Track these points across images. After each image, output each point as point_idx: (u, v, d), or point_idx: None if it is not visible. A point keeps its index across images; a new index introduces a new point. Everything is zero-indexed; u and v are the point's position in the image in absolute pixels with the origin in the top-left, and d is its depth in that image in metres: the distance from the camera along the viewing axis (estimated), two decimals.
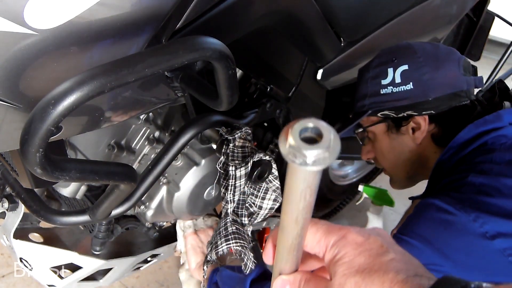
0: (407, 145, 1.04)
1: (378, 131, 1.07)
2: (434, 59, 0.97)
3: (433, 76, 0.96)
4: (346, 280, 0.40)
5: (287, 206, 0.36)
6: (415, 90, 0.96)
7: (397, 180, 1.14)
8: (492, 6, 1.71)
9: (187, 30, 0.71)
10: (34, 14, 0.51)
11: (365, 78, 1.05)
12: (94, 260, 1.07)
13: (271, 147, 1.18)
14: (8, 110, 0.59)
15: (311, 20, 0.98)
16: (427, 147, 1.02)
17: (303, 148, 0.29)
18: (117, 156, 1.05)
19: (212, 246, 0.95)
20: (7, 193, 1.03)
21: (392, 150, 1.07)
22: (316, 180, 0.33)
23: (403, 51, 1.00)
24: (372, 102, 1.02)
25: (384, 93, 1.00)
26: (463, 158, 0.92)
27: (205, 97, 0.74)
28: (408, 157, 1.05)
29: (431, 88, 0.96)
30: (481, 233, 0.76)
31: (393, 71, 0.98)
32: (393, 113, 1.00)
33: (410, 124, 1.01)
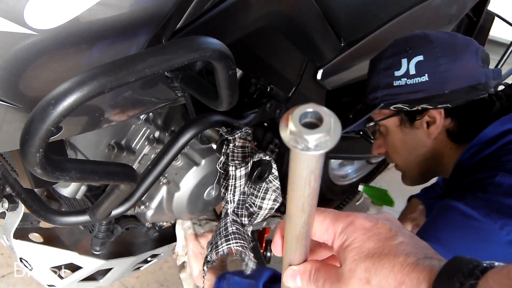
0: (421, 140, 0.99)
1: (391, 125, 1.02)
2: (451, 50, 0.92)
3: (449, 68, 0.91)
4: (357, 265, 0.40)
5: (293, 194, 0.36)
6: (431, 82, 0.91)
7: (409, 176, 1.09)
8: (492, 6, 1.71)
9: (187, 30, 0.71)
10: (34, 14, 0.51)
11: (377, 69, 1.00)
12: (94, 260, 1.07)
13: (271, 147, 1.18)
14: (8, 110, 0.59)
15: (311, 20, 0.98)
16: (442, 143, 0.98)
17: (304, 133, 0.29)
18: (117, 156, 1.05)
19: (212, 246, 0.95)
20: (7, 193, 1.03)
21: (405, 145, 1.02)
22: (320, 165, 0.33)
23: (418, 40, 0.95)
24: (384, 95, 0.97)
25: (398, 85, 0.94)
26: (487, 157, 0.88)
27: (205, 97, 0.74)
28: (421, 152, 1.01)
29: (448, 80, 0.91)
30: (507, 241, 0.73)
31: (407, 62, 0.93)
32: (407, 106, 0.95)
33: (425, 118, 0.96)
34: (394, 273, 0.38)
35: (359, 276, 0.40)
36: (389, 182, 2.17)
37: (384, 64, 0.98)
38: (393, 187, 2.06)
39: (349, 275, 0.40)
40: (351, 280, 0.40)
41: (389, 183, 2.16)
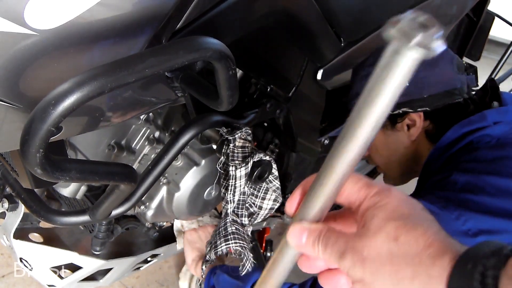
0: (402, 142, 1.05)
1: None
2: None
3: (427, 74, 0.97)
4: (387, 222, 0.38)
5: (366, 106, 0.35)
6: (410, 87, 0.94)
7: (390, 176, 1.15)
8: (492, 6, 1.71)
9: (187, 30, 0.71)
10: (34, 14, 0.51)
11: (359, 76, 1.06)
12: (94, 260, 1.07)
13: (271, 147, 1.18)
14: (8, 110, 0.59)
15: (311, 20, 0.98)
16: (421, 144, 1.04)
17: (416, 30, 0.30)
18: (117, 156, 1.05)
19: (212, 246, 0.95)
20: (7, 193, 1.03)
21: (386, 147, 1.08)
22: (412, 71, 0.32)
23: None
24: None
25: None
26: (450, 157, 0.94)
27: (205, 97, 0.74)
28: (402, 153, 1.07)
29: (426, 86, 0.97)
30: (463, 231, 0.77)
31: None
32: None
33: (405, 121, 1.03)
34: (425, 237, 0.37)
35: (388, 232, 0.38)
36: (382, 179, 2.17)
37: (366, 71, 1.04)
38: None
39: (376, 231, 0.38)
40: (376, 235, 0.38)
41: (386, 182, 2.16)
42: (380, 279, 0.38)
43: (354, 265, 0.39)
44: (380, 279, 0.38)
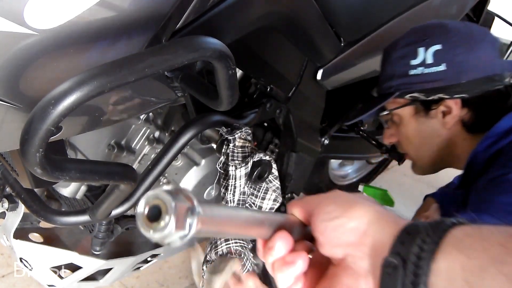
0: (435, 130, 0.98)
1: (405, 114, 1.01)
2: (468, 39, 0.91)
3: (466, 58, 0.90)
4: (323, 216, 0.42)
5: None
6: (448, 72, 0.90)
7: (420, 165, 1.07)
8: (492, 6, 1.71)
9: (187, 30, 0.71)
10: (34, 14, 0.51)
11: (392, 57, 0.99)
12: (94, 260, 1.07)
13: (271, 147, 1.18)
14: (8, 110, 0.59)
15: (311, 20, 0.98)
16: (456, 133, 0.97)
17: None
18: (117, 156, 1.05)
19: (212, 246, 0.95)
20: (7, 193, 1.03)
21: (419, 135, 1.01)
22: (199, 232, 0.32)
23: (435, 29, 0.94)
24: (399, 84, 0.96)
25: (414, 74, 0.94)
26: (502, 149, 0.88)
27: (205, 97, 0.74)
28: (435, 142, 1.00)
29: (465, 70, 0.90)
30: None
31: (425, 50, 0.92)
32: (423, 95, 0.94)
33: (440, 108, 0.96)
34: (364, 210, 0.40)
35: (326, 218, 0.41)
36: (389, 182, 2.17)
37: (400, 52, 0.97)
38: (393, 187, 2.07)
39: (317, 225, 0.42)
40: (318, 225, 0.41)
41: (389, 183, 2.16)
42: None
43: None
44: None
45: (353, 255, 0.39)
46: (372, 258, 0.38)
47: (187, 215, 0.30)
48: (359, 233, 0.39)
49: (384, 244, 0.37)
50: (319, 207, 0.42)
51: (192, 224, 0.30)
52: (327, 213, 0.41)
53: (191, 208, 0.30)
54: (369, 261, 0.38)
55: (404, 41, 0.97)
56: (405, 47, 0.96)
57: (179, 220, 0.29)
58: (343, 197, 0.43)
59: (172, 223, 0.28)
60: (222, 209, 0.36)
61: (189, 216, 0.30)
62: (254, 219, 0.40)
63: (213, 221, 0.33)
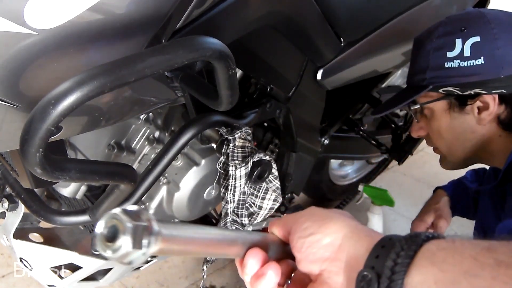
0: (469, 126, 0.94)
1: (437, 108, 0.97)
2: (509, 31, 0.87)
3: (507, 51, 0.85)
4: (299, 233, 0.42)
5: None
6: (486, 66, 0.86)
7: (451, 160, 1.03)
8: (492, 6, 1.71)
9: (187, 30, 0.71)
10: (34, 14, 0.51)
11: (426, 48, 0.93)
12: (94, 260, 1.07)
13: (271, 147, 1.18)
14: (8, 110, 0.59)
15: (311, 20, 0.98)
16: (492, 130, 0.93)
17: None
18: (117, 156, 1.05)
19: None
20: (7, 193, 1.03)
21: (451, 130, 0.97)
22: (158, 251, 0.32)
23: (474, 19, 0.89)
24: (434, 76, 0.92)
25: (450, 67, 0.89)
26: None
27: (205, 97, 0.74)
28: (468, 138, 0.96)
29: (505, 65, 0.85)
30: None
31: (462, 42, 0.87)
32: (458, 90, 0.90)
33: (476, 103, 0.91)
34: (338, 227, 0.41)
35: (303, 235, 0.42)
36: (389, 182, 2.17)
37: (435, 43, 0.92)
38: (393, 187, 2.07)
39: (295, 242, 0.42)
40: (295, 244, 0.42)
41: (389, 183, 2.16)
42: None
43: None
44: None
45: (328, 270, 0.40)
46: (347, 273, 0.38)
47: (144, 235, 0.30)
48: (334, 248, 0.40)
49: (359, 259, 0.37)
50: (296, 225, 0.43)
51: (150, 244, 0.30)
52: (303, 229, 0.42)
53: (148, 228, 0.30)
54: (344, 275, 0.39)
55: (440, 31, 0.92)
56: (441, 37, 0.91)
57: (136, 239, 0.29)
58: (318, 214, 0.43)
59: (128, 243, 0.29)
60: (187, 228, 0.36)
61: (145, 236, 0.30)
62: (224, 238, 0.41)
63: (175, 241, 0.33)
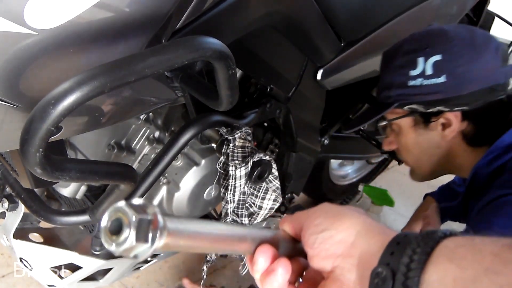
0: (434, 142, 0.96)
1: (404, 125, 0.99)
2: (470, 48, 0.87)
3: (468, 69, 0.86)
4: (312, 229, 0.42)
5: None
6: (448, 84, 0.87)
7: (419, 173, 1.05)
8: (492, 6, 1.71)
9: (187, 30, 0.71)
10: (34, 14, 0.51)
11: (391, 65, 0.95)
12: (94, 260, 1.07)
13: (271, 147, 1.18)
14: (8, 110, 0.59)
15: (311, 20, 0.98)
16: (457, 145, 0.94)
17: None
18: (117, 156, 1.05)
19: None
20: (7, 193, 1.03)
21: (418, 145, 0.99)
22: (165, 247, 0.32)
23: (436, 37, 0.90)
24: (398, 94, 0.93)
25: (413, 85, 0.90)
26: (505, 164, 0.85)
27: (205, 97, 0.74)
28: (434, 153, 0.98)
29: (466, 82, 0.86)
30: None
31: (424, 61, 0.88)
32: (422, 107, 0.91)
33: (440, 120, 0.92)
34: (351, 222, 0.40)
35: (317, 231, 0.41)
36: (389, 182, 2.17)
37: (399, 61, 0.93)
38: (393, 187, 2.07)
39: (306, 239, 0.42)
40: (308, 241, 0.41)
41: (389, 183, 2.16)
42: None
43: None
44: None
45: (341, 267, 0.39)
46: (360, 270, 0.38)
47: (149, 229, 0.29)
48: (347, 244, 0.39)
49: (373, 255, 0.37)
50: (308, 221, 0.43)
51: (155, 238, 0.29)
52: (316, 225, 0.41)
53: (153, 221, 0.30)
54: (357, 272, 0.38)
55: (404, 49, 0.93)
56: (405, 55, 0.92)
57: (140, 233, 0.29)
58: (331, 210, 0.43)
59: (132, 236, 0.28)
60: (194, 223, 0.35)
61: (151, 230, 0.29)
62: (233, 234, 0.40)
63: (182, 235, 0.33)
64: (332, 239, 0.40)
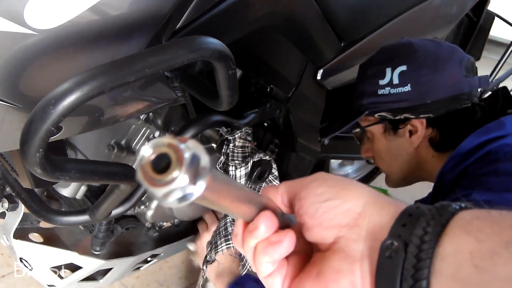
0: (404, 148, 1.01)
1: (375, 132, 1.05)
2: (434, 59, 0.94)
3: (432, 78, 0.92)
4: (313, 198, 0.38)
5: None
6: (413, 92, 0.93)
7: (392, 179, 1.12)
8: (492, 6, 1.71)
9: (187, 30, 0.71)
10: (34, 14, 0.51)
11: (364, 75, 1.02)
12: (94, 260, 1.07)
13: (271, 147, 1.18)
14: (8, 110, 0.59)
15: (311, 20, 0.98)
16: (425, 151, 1.00)
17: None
18: (117, 156, 1.05)
19: (212, 246, 0.95)
20: (7, 193, 1.03)
21: (388, 152, 1.05)
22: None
23: (403, 49, 0.97)
24: (369, 102, 1.00)
25: (382, 94, 0.97)
26: (466, 168, 0.88)
27: (205, 97, 0.74)
28: (405, 159, 1.03)
29: (430, 91, 0.92)
30: None
31: (391, 71, 0.95)
32: (390, 115, 0.98)
33: (407, 127, 0.98)
34: (360, 192, 0.37)
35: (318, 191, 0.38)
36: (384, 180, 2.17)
37: (370, 71, 1.00)
38: None
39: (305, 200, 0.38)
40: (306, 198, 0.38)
41: None
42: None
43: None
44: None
45: (346, 237, 0.36)
46: (369, 241, 0.35)
47: (198, 173, 0.25)
48: (354, 215, 0.36)
49: (383, 227, 0.34)
50: (307, 190, 0.39)
51: (202, 184, 0.25)
52: (318, 195, 0.38)
53: (204, 167, 0.25)
54: (365, 244, 0.35)
55: (375, 60, 1.00)
56: (375, 66, 0.99)
57: (191, 172, 0.24)
58: (334, 179, 0.39)
59: (184, 177, 0.24)
60: (227, 177, 0.33)
61: (200, 174, 0.25)
62: (245, 196, 0.36)
63: (216, 188, 0.29)
64: (337, 208, 0.37)
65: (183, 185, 0.24)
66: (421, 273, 0.30)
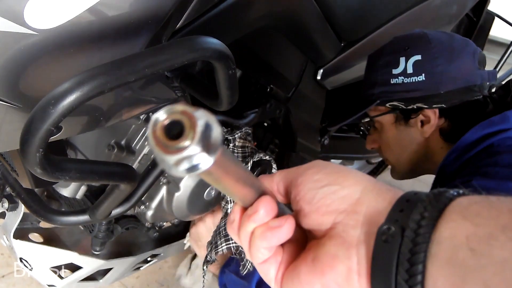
0: (414, 138, 1.01)
1: (385, 122, 1.04)
2: (448, 50, 0.94)
3: (446, 69, 0.92)
4: (310, 184, 0.38)
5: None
6: (427, 82, 0.93)
7: (399, 171, 1.10)
8: (492, 6, 1.71)
9: (187, 30, 0.71)
10: (34, 14, 0.51)
11: (375, 65, 1.01)
12: (94, 260, 1.07)
13: (271, 147, 1.18)
14: (8, 110, 0.59)
15: (311, 20, 0.98)
16: (435, 142, 1.00)
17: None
18: (117, 156, 1.05)
19: (212, 246, 0.95)
20: (7, 193, 1.03)
21: (398, 142, 1.04)
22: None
23: (417, 39, 0.96)
24: (381, 92, 0.99)
25: (395, 83, 0.96)
26: (468, 160, 0.89)
27: (205, 97, 0.74)
28: (414, 150, 1.03)
29: (444, 81, 0.92)
30: None
31: (405, 60, 0.95)
32: (402, 104, 0.97)
33: (419, 117, 0.98)
34: (357, 178, 0.38)
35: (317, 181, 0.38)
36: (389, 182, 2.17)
37: (383, 61, 0.99)
38: None
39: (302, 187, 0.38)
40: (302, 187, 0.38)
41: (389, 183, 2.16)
42: None
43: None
44: None
45: (344, 223, 0.36)
46: (366, 227, 0.35)
47: (211, 142, 0.24)
48: (352, 200, 0.36)
49: (380, 212, 0.34)
50: (304, 176, 0.39)
51: (212, 154, 0.24)
52: (315, 181, 0.38)
53: (217, 137, 0.24)
54: (362, 229, 0.35)
55: (387, 50, 1.00)
56: (388, 55, 0.98)
57: (204, 141, 0.24)
58: (330, 166, 0.39)
59: (197, 144, 0.23)
60: (234, 156, 0.33)
61: (212, 144, 0.24)
62: (248, 178, 0.36)
63: (224, 162, 0.28)
64: (335, 194, 0.37)
65: (195, 152, 0.23)
66: (417, 257, 0.30)
